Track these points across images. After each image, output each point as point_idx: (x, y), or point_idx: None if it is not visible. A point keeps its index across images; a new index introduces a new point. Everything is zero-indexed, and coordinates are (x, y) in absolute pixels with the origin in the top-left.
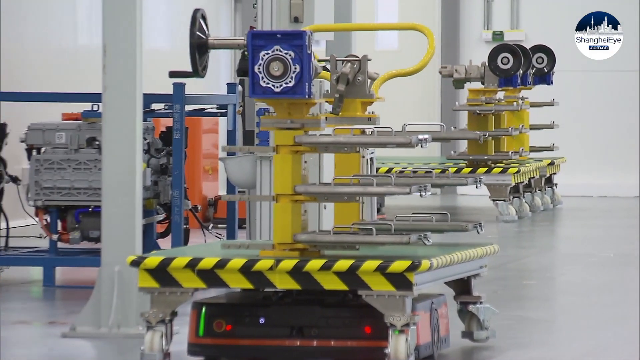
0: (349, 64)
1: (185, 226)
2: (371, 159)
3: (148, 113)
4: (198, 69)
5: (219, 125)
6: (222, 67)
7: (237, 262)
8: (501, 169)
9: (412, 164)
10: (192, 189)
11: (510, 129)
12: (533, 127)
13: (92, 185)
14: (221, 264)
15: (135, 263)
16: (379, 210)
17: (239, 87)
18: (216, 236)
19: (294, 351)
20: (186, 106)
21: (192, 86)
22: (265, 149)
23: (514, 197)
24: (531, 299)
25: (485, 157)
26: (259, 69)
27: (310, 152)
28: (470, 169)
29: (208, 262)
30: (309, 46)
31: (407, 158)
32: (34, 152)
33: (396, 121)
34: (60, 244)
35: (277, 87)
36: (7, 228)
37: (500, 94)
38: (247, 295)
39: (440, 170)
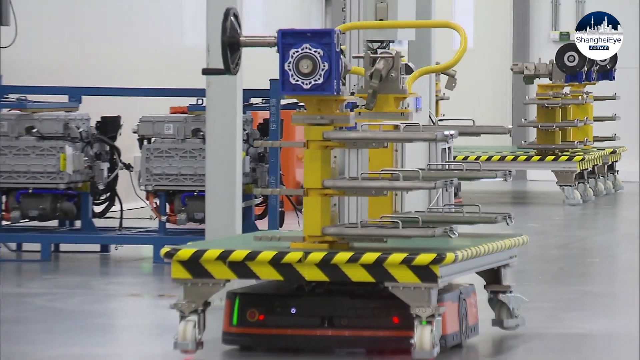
0: (383, 61)
1: (280, 209)
2: (449, 148)
3: (247, 106)
4: (230, 67)
5: None
6: None
7: (267, 255)
8: (567, 157)
9: (485, 153)
10: (286, 175)
11: (575, 120)
12: (596, 119)
13: (197, 171)
14: (251, 256)
15: (169, 255)
16: (456, 195)
17: None
18: None
19: (324, 340)
20: (281, 100)
21: None
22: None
23: (579, 183)
24: (594, 275)
25: (553, 146)
26: (288, 66)
27: (339, 147)
28: (539, 157)
29: (239, 254)
30: (337, 44)
31: (482, 147)
32: (145, 142)
33: (470, 115)
34: (168, 225)
35: (307, 84)
36: (121, 210)
37: (567, 89)
38: (282, 286)
39: (475, 157)
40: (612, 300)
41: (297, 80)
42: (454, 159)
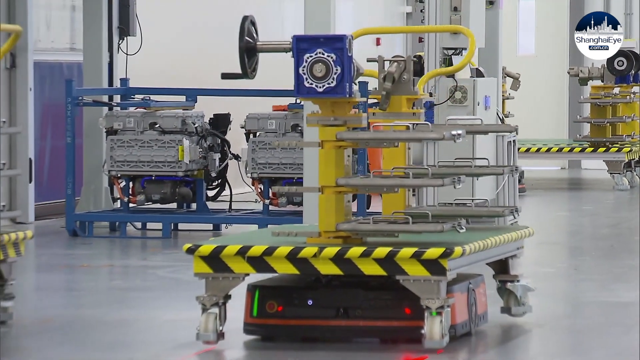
0: (395, 64)
1: (367, 194)
2: (514, 141)
3: None
4: (247, 71)
5: None
6: None
7: (284, 250)
8: (617, 148)
9: (545, 145)
10: (372, 164)
11: (624, 117)
12: None
13: (296, 161)
14: (269, 251)
15: (190, 250)
16: (520, 181)
17: None
18: None
19: (340, 331)
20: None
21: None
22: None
23: (627, 171)
24: None
25: (604, 139)
26: (303, 70)
27: (352, 147)
28: (592, 148)
29: (257, 250)
30: (349, 49)
31: (543, 140)
32: (251, 136)
33: (532, 113)
34: (271, 207)
35: (320, 87)
36: (231, 194)
37: (616, 90)
38: (299, 278)
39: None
40: None
41: (311, 84)
42: (517, 150)
